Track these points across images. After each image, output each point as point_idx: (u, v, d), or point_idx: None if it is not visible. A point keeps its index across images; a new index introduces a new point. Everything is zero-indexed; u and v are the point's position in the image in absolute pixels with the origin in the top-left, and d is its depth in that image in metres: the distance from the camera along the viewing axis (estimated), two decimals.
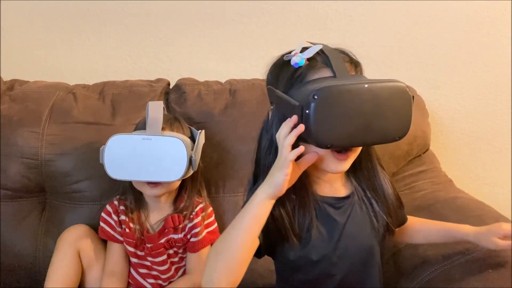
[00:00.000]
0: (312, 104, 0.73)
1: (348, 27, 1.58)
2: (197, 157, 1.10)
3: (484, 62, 1.63)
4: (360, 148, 0.85)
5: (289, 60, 0.83)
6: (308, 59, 0.82)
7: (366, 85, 0.74)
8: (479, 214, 1.15)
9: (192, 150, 1.09)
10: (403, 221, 1.02)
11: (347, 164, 0.83)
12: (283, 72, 0.84)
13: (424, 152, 1.49)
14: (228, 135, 1.30)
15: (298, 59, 0.82)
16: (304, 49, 0.84)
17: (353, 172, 0.92)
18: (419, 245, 1.09)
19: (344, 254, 0.89)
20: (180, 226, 1.15)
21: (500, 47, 1.61)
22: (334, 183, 0.91)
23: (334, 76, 0.79)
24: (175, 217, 1.14)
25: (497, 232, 0.94)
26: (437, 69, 1.62)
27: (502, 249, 0.93)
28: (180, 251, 1.18)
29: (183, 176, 1.06)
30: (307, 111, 0.73)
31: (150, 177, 1.06)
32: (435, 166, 1.46)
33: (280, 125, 0.79)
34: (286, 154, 0.75)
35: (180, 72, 1.53)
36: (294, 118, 0.75)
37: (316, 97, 0.72)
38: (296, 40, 1.54)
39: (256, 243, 0.79)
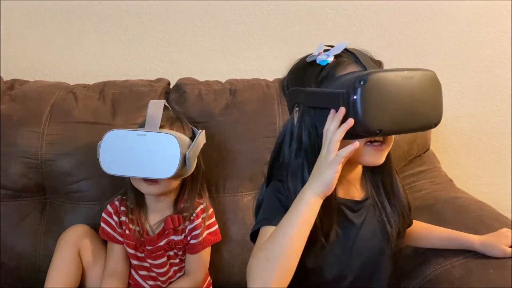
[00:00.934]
0: (359, 89, 0.72)
1: (348, 27, 1.58)
2: (194, 157, 1.09)
3: (484, 62, 1.63)
4: (392, 141, 0.85)
5: (312, 61, 0.84)
6: (334, 57, 0.82)
7: (405, 72, 0.76)
8: (479, 214, 1.15)
9: (188, 148, 1.08)
10: (409, 224, 1.02)
11: (383, 157, 0.83)
12: (309, 72, 0.84)
13: (424, 152, 1.49)
14: (228, 135, 1.30)
15: (325, 57, 0.82)
16: (325, 50, 0.85)
17: (370, 173, 0.92)
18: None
19: (357, 257, 0.90)
20: (180, 227, 1.15)
21: (500, 47, 1.62)
22: (354, 185, 0.91)
23: (365, 69, 0.79)
24: (175, 218, 1.14)
25: (505, 240, 0.95)
26: (437, 69, 1.58)
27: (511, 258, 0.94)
28: (180, 253, 1.18)
29: (177, 174, 1.04)
30: (354, 97, 0.73)
31: (143, 173, 1.05)
32: (435, 166, 1.46)
33: (312, 124, 0.80)
34: (336, 151, 0.74)
35: (180, 72, 1.53)
36: (342, 110, 0.74)
37: (362, 83, 0.72)
38: (296, 39, 1.56)
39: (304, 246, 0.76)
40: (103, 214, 1.19)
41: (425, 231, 1.05)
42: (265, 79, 1.42)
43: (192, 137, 1.14)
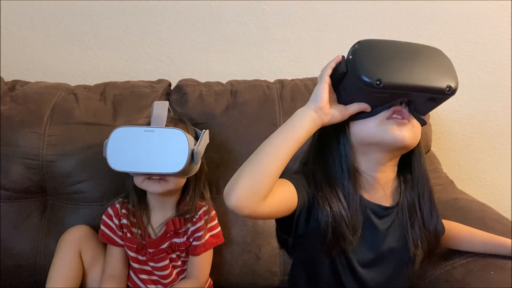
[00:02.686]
0: (353, 50, 0.79)
1: (348, 28, 1.58)
2: (200, 153, 1.09)
3: (484, 63, 1.63)
4: (418, 126, 0.84)
5: None
6: None
7: (402, 41, 0.81)
8: (480, 216, 1.15)
9: (194, 145, 1.08)
10: (442, 232, 0.97)
11: (407, 133, 0.82)
12: None
13: (425, 153, 1.48)
14: (229, 136, 1.30)
15: None
16: None
17: (404, 182, 0.91)
18: None
19: (379, 263, 0.90)
20: (182, 230, 1.15)
21: (501, 48, 1.62)
22: (384, 189, 0.90)
23: None
24: (176, 221, 1.14)
25: None
26: None
27: None
28: (183, 254, 1.17)
29: (185, 169, 1.05)
30: (350, 57, 0.78)
31: (152, 169, 1.05)
32: (436, 167, 1.46)
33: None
34: (326, 80, 0.80)
35: (181, 73, 1.53)
36: (339, 57, 0.81)
37: (356, 46, 0.79)
38: (297, 40, 1.57)
39: (287, 160, 0.77)
40: (103, 217, 1.18)
41: (465, 235, 1.03)
42: (266, 80, 1.42)
43: (196, 138, 1.15)
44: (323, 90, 0.79)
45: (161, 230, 1.15)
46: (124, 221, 1.16)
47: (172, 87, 1.43)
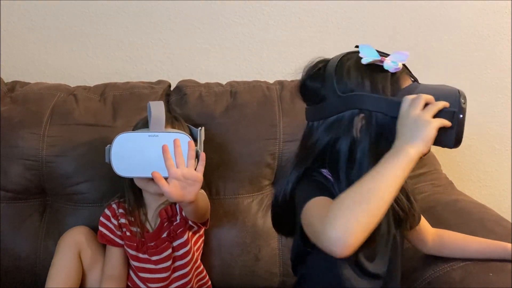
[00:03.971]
0: (465, 108, 0.76)
1: (348, 29, 1.58)
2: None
3: (484, 63, 1.63)
4: None
5: (375, 66, 0.82)
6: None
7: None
8: (480, 217, 1.15)
9: (196, 146, 1.09)
10: (419, 219, 0.98)
11: None
12: (377, 78, 0.81)
13: (425, 154, 1.48)
14: (228, 137, 1.30)
15: (393, 65, 0.81)
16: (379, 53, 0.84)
17: None
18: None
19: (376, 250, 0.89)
20: (177, 217, 1.15)
21: (500, 49, 1.62)
22: None
23: (417, 81, 0.84)
24: (168, 208, 1.14)
25: None
26: (437, 71, 1.63)
27: None
28: (187, 233, 1.15)
29: None
30: (460, 116, 0.75)
31: (161, 173, 1.06)
32: (435, 168, 1.46)
33: (376, 132, 0.79)
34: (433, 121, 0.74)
35: (181, 74, 1.53)
36: (444, 102, 0.76)
37: (464, 102, 0.76)
38: (297, 41, 1.56)
39: None
40: (101, 218, 1.19)
41: (461, 241, 1.02)
42: (265, 81, 1.42)
43: (191, 135, 1.15)
44: (433, 137, 0.74)
45: (156, 222, 1.15)
46: (123, 220, 1.17)
47: (172, 88, 1.43)
